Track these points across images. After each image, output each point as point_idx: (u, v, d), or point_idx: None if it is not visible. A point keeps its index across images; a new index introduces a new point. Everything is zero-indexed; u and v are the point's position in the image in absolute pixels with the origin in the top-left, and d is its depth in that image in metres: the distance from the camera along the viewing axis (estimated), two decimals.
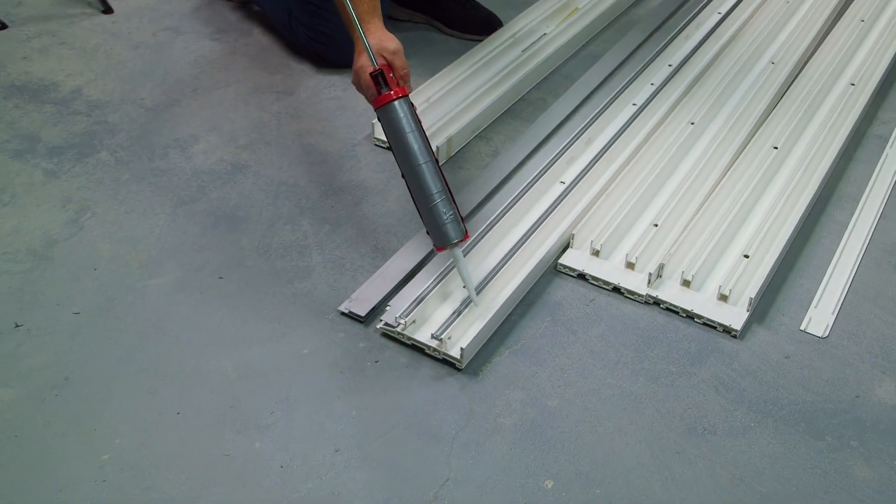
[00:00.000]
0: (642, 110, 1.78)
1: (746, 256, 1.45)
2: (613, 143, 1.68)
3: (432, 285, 1.36)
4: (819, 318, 1.39)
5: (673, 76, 1.91)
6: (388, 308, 1.35)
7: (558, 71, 2.00)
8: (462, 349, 1.27)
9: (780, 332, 1.38)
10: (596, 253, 1.46)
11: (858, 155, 1.75)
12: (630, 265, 1.44)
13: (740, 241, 1.50)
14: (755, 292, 1.38)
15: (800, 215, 1.53)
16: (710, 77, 1.90)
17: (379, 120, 1.33)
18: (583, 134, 1.70)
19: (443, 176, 1.31)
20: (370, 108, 1.39)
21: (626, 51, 2.01)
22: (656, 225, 1.49)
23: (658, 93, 1.84)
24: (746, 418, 1.24)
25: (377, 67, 1.31)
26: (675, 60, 1.96)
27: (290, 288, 1.41)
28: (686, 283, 1.41)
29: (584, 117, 1.77)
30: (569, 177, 1.61)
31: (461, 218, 1.32)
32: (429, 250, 1.46)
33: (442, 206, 1.28)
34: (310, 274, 1.44)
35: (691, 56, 1.98)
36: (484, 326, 1.31)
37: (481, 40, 2.01)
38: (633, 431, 1.22)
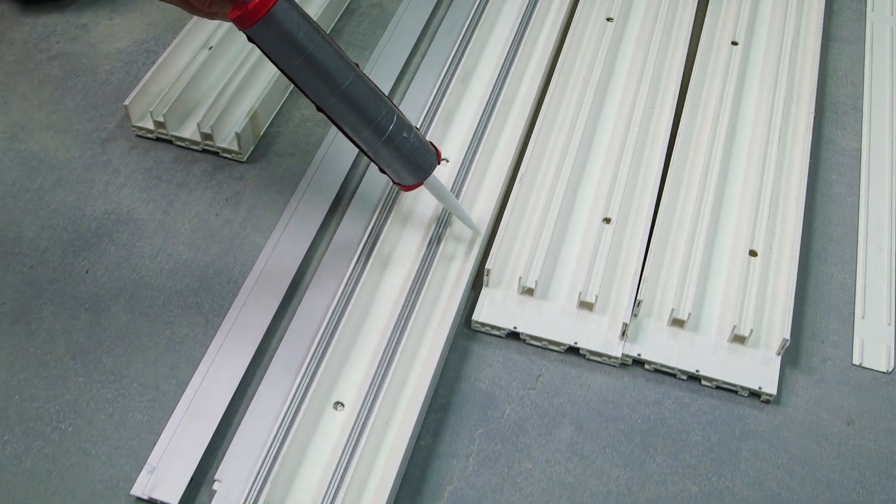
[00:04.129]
0: (533, 5, 1.19)
1: (753, 254, 0.94)
2: (505, 77, 1.10)
3: (287, 418, 0.80)
4: (873, 337, 0.92)
5: None
6: (216, 485, 0.79)
7: None
8: None
9: (826, 375, 0.90)
10: (528, 292, 0.92)
11: (836, 31, 1.23)
12: (586, 306, 0.91)
13: (730, 219, 0.98)
14: (786, 325, 0.88)
15: (805, 159, 1.03)
16: None
17: (254, 41, 0.78)
18: (456, 67, 1.11)
19: (377, 87, 0.84)
20: (123, 66, 0.91)
21: None
22: (608, 220, 0.96)
23: None
24: None
25: None
26: None
27: (36, 458, 0.82)
28: (678, 324, 0.89)
29: (450, 31, 1.17)
30: (451, 149, 1.03)
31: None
32: (260, 345, 0.89)
33: (399, 129, 0.84)
34: (68, 421, 0.84)
35: None
36: (389, 493, 0.77)
37: None
38: None
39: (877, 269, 0.97)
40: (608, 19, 1.16)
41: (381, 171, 0.89)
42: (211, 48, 1.11)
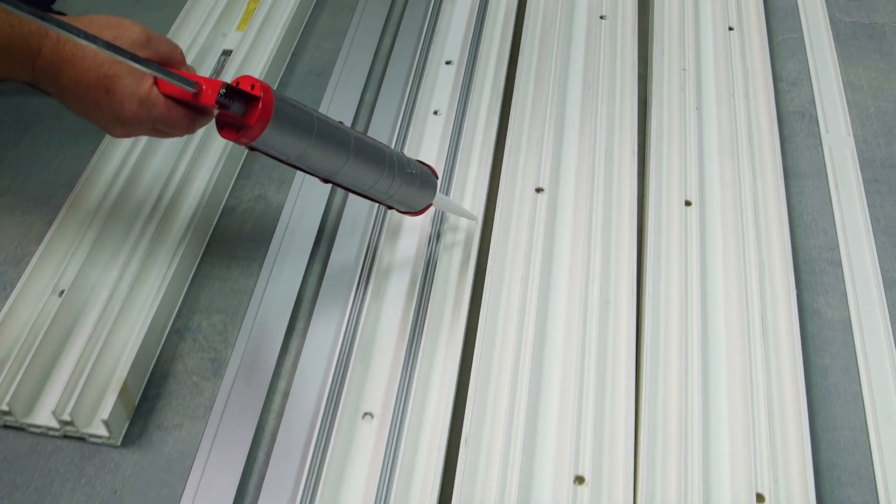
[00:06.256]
0: (449, 176, 1.01)
1: (760, 499, 0.77)
2: (431, 282, 0.92)
3: None
4: None
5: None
6: None
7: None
8: None
9: None
10: None
11: (792, 163, 1.08)
12: None
13: (724, 456, 0.81)
14: None
15: (796, 352, 0.86)
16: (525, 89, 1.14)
17: (256, 149, 0.72)
18: (369, 272, 0.92)
19: (369, 137, 0.82)
20: None
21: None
22: (580, 479, 0.77)
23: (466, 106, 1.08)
24: None
25: (199, 79, 0.71)
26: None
27: None
28: None
29: (354, 228, 0.99)
30: (374, 404, 0.84)
31: None
32: None
33: (402, 167, 0.83)
34: None
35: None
36: None
37: None
38: None
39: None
40: (537, 190, 0.98)
41: (389, 207, 0.87)
42: (62, 293, 0.89)
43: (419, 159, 0.87)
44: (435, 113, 1.08)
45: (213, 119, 0.74)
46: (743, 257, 0.93)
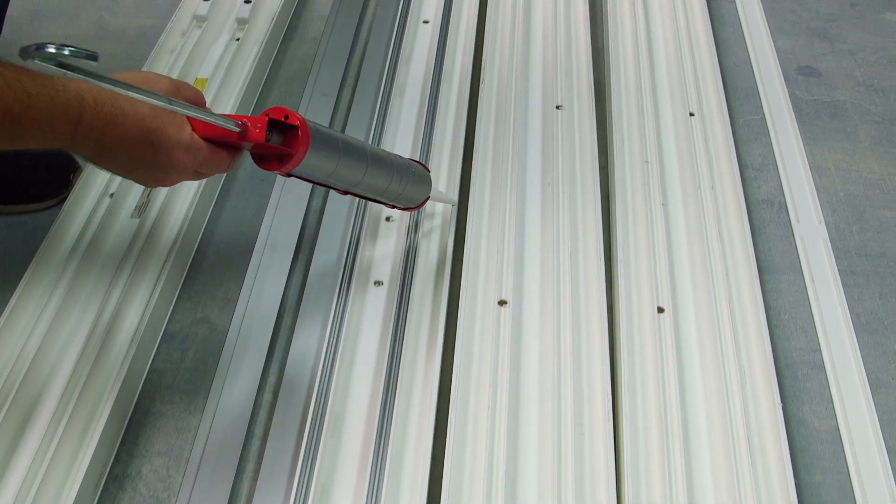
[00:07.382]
0: (407, 303, 0.95)
1: None
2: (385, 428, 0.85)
3: None
4: None
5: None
6: None
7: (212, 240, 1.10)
8: None
9: None
10: None
11: (765, 257, 1.03)
12: None
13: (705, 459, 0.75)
14: None
15: (788, 474, 0.80)
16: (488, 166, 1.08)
17: (293, 175, 0.76)
18: (332, 370, 0.86)
19: (378, 147, 0.87)
20: None
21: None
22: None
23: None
24: None
25: (235, 117, 0.72)
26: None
27: None
28: None
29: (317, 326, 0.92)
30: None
31: None
32: None
33: (406, 169, 0.88)
34: None
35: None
36: None
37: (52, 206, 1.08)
38: None
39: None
40: (500, 303, 0.92)
41: (393, 207, 0.91)
42: None
43: (412, 158, 0.92)
44: (387, 219, 1.02)
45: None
46: (723, 368, 0.87)
